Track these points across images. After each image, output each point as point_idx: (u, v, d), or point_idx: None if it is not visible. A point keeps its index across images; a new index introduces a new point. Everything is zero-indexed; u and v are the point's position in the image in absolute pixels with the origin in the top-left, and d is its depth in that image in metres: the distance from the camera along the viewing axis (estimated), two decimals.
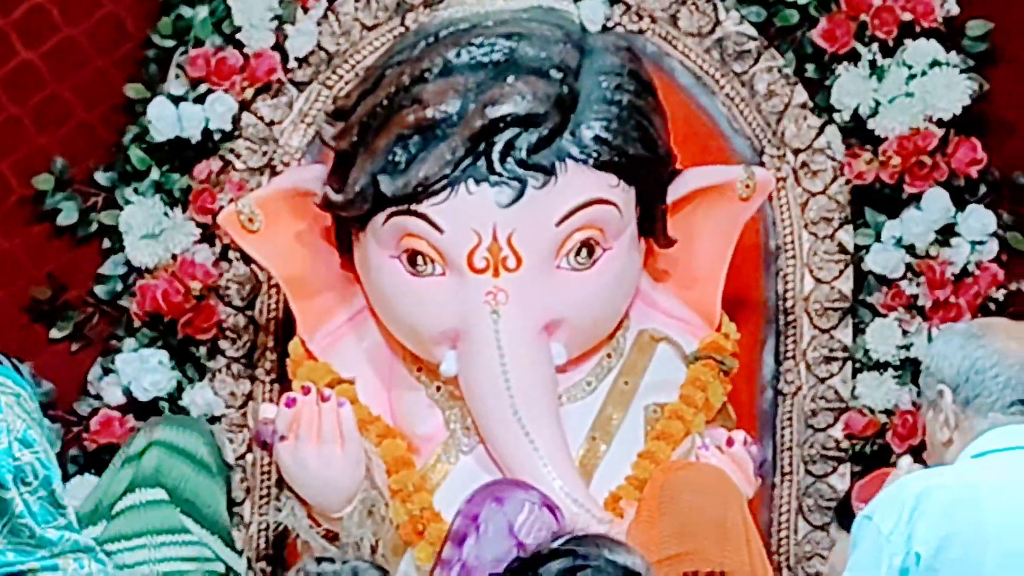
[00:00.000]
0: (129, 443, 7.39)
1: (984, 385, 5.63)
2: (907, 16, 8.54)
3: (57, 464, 5.85)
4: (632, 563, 4.65)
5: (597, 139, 7.56)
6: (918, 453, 7.48)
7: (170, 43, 8.65)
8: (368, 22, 8.64)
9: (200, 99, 8.51)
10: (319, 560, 5.91)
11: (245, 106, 8.57)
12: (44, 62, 8.72)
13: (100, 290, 8.63)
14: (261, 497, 8.28)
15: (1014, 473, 5.53)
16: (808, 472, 8.65)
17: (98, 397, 8.47)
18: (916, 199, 8.55)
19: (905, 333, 8.52)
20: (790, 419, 8.69)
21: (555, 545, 4.76)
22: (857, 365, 8.64)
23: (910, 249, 8.57)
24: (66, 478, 7.49)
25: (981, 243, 8.59)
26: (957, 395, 5.67)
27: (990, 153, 8.53)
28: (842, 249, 8.65)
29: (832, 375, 8.69)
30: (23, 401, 5.75)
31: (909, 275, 8.60)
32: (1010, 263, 8.60)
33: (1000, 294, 8.43)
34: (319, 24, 8.63)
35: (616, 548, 4.76)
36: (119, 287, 8.61)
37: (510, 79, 7.63)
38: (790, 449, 8.68)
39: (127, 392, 8.39)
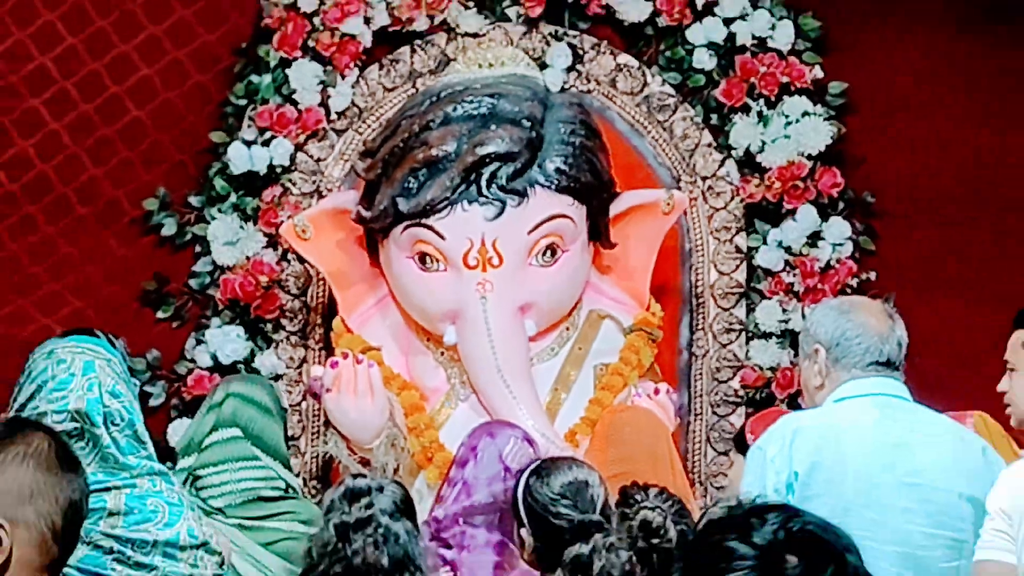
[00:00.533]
0: (212, 395, 7.13)
1: (850, 349, 5.96)
2: (785, 79, 8.84)
3: (140, 411, 5.99)
4: (588, 476, 5.68)
5: (558, 170, 7.95)
6: (795, 399, 8.44)
7: (243, 102, 8.86)
8: (388, 85, 8.86)
9: (266, 143, 8.73)
10: (355, 477, 5.94)
11: (299, 148, 8.78)
12: (149, 117, 8.83)
13: (193, 283, 8.85)
14: (312, 434, 8.61)
15: (865, 415, 5.92)
16: (714, 413, 8.87)
17: (192, 361, 8.72)
18: (792, 213, 8.83)
19: (784, 311, 8.81)
20: (700, 375, 8.96)
21: (531, 467, 5.87)
22: (749, 334, 8.89)
23: (788, 250, 8.86)
24: (169, 421, 8.52)
25: (840, 245, 8.85)
26: (829, 354, 6.01)
27: (847, 179, 8.82)
28: (738, 250, 8.90)
29: (731, 342, 8.93)
30: (113, 364, 5.94)
31: (787, 268, 8.86)
32: (861, 259, 8.85)
33: (854, 282, 8.65)
34: (353, 87, 8.83)
35: (577, 465, 5.84)
36: (207, 281, 8.83)
37: (493, 127, 8.00)
38: (700, 396, 8.93)
39: (213, 357, 8.69)
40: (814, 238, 8.84)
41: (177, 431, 8.19)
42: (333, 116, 8.84)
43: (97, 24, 8.94)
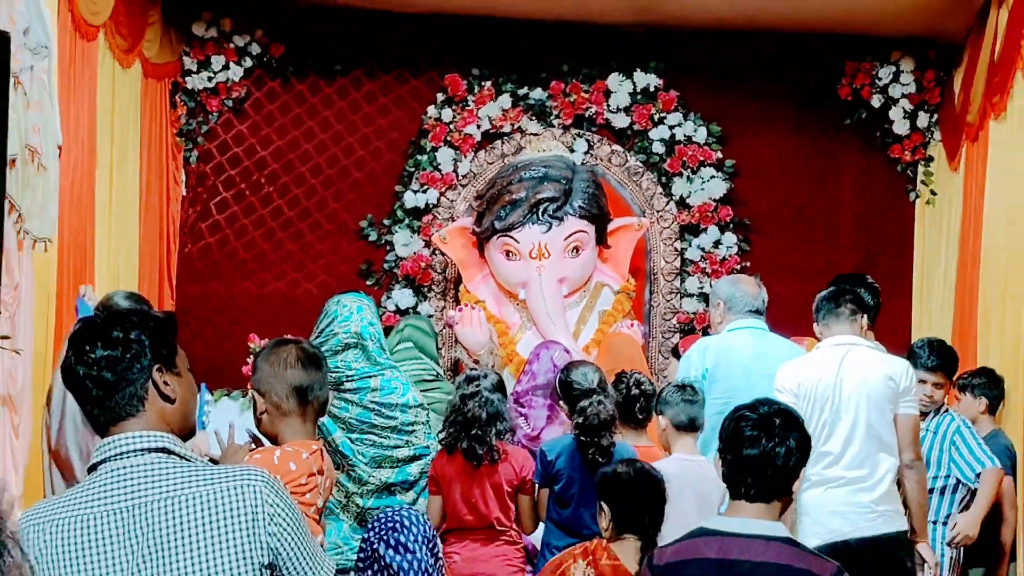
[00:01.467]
0: (397, 326, 7.68)
1: (736, 303, 6.57)
2: (701, 158, 9.12)
3: (383, 335, 6.25)
4: (592, 369, 6.16)
5: (580, 207, 8.55)
6: (706, 331, 8.71)
7: (412, 169, 9.28)
8: (489, 161, 9.28)
9: (424, 191, 9.25)
10: (471, 370, 6.79)
11: (441, 194, 9.30)
12: (364, 178, 9.38)
13: (385, 266, 9.28)
14: (448, 347, 8.98)
15: (745, 338, 6.42)
16: (663, 337, 9.30)
17: (385, 308, 9.15)
18: (705, 230, 9.26)
19: (700, 283, 9.25)
20: (655, 316, 9.37)
21: (565, 365, 6.36)
22: (682, 295, 9.28)
23: (702, 250, 9.28)
24: None
25: (731, 247, 9.24)
26: (725, 305, 6.63)
27: (734, 212, 9.17)
28: (676, 250, 9.32)
29: (672, 299, 9.30)
30: (370, 308, 6.25)
31: (702, 260, 9.24)
32: (742, 255, 9.22)
33: (739, 267, 8.98)
34: (471, 162, 9.26)
35: (588, 364, 6.39)
36: (393, 265, 9.25)
37: (545, 183, 8.54)
38: (655, 328, 9.34)
39: (396, 306, 9.22)
40: (716, 244, 9.30)
41: None
42: (460, 177, 9.32)
43: (335, 128, 9.36)
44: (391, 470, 5.89)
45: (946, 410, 6.60)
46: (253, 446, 4.13)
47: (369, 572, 4.28)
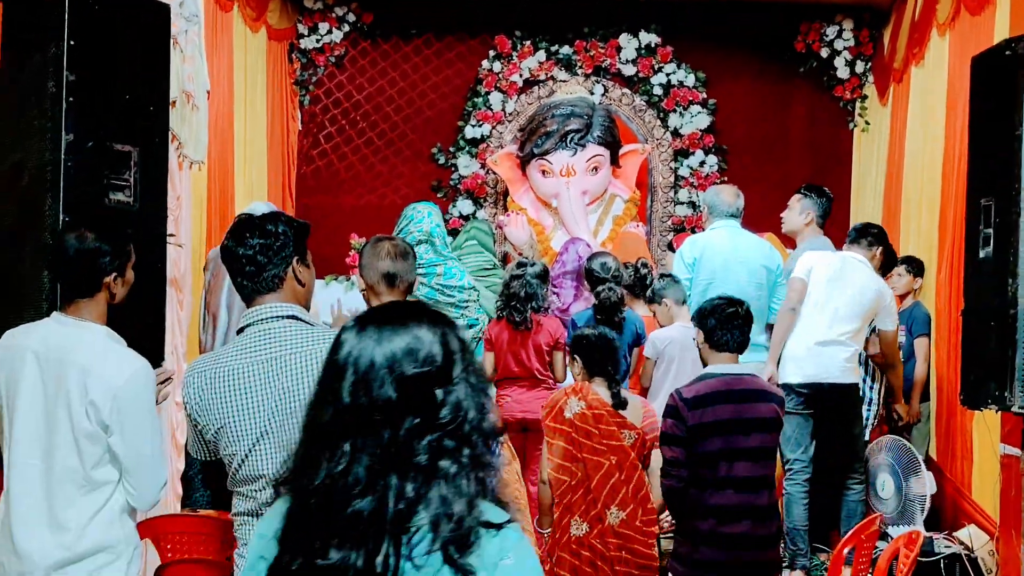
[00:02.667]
0: (465, 227, 7.88)
1: (718, 208, 6.34)
2: (690, 98, 9.03)
3: (448, 235, 6.52)
4: (609, 258, 6.28)
5: (598, 137, 8.52)
6: (695, 229, 8.52)
7: (470, 108, 9.10)
8: (529, 102, 8.98)
9: (479, 126, 9.05)
10: (519, 259, 6.65)
11: (492, 128, 9.05)
12: (435, 115, 9.20)
13: (451, 183, 9.15)
14: (499, 243, 8.26)
15: (724, 234, 6.26)
16: (660, 236, 9.01)
17: (451, 215, 8.98)
18: (693, 154, 9.04)
19: (690, 194, 9.01)
20: (654, 219, 9.05)
21: (588, 255, 6.43)
22: (676, 202, 9.01)
23: (691, 168, 9.05)
24: None
25: (713, 166, 9.05)
26: (709, 210, 6.43)
27: (715, 139, 9.06)
28: (671, 169, 8.99)
29: (669, 205, 8.99)
30: (438, 212, 6.52)
31: (691, 176, 9.04)
32: (721, 172, 9.02)
33: (719, 181, 8.56)
34: (515, 103, 9.05)
35: (605, 254, 6.46)
36: (458, 182, 9.11)
37: (573, 118, 8.51)
38: (654, 228, 9.04)
39: (460, 213, 9.01)
40: (702, 164, 9.07)
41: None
42: (507, 115, 9.09)
43: (412, 77, 9.22)
44: None
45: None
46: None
47: None
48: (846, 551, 4.34)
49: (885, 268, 6.49)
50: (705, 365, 4.40)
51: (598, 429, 4.55)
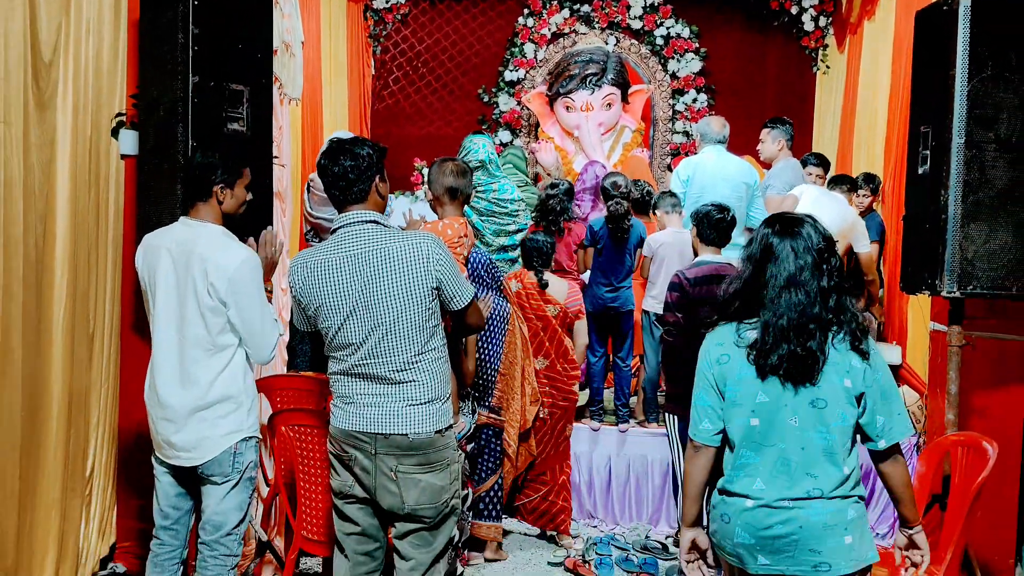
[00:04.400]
0: (504, 152, 7.06)
1: (709, 135, 6.26)
2: (685, 47, 8.85)
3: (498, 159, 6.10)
4: (621, 177, 6.13)
5: (611, 79, 8.32)
6: (688, 153, 8.47)
7: (509, 57, 8.93)
8: (556, 51, 8.81)
9: (516, 71, 8.88)
10: (551, 180, 6.71)
11: (526, 72, 8.88)
12: (482, 63, 9.03)
13: (493, 117, 9.02)
14: (531, 165, 7.79)
15: (711, 155, 6.18)
16: (661, 158, 8.82)
17: (493, 143, 7.81)
18: (687, 93, 8.87)
19: (685, 125, 8.82)
20: (656, 144, 8.85)
21: (603, 175, 6.29)
22: (674, 132, 8.86)
23: (685, 104, 8.87)
24: None
25: (703, 103, 8.88)
26: (701, 137, 6.35)
27: (706, 80, 8.90)
28: (670, 106, 8.83)
29: (668, 133, 8.80)
30: (491, 142, 5.94)
31: (684, 111, 8.85)
32: (710, 107, 8.82)
33: (710, 114, 8.07)
34: (545, 51, 8.87)
35: (617, 173, 6.31)
36: (498, 117, 8.98)
37: (591, 63, 8.32)
38: (656, 152, 8.85)
39: (500, 141, 8.84)
40: (694, 101, 8.85)
41: None
42: (538, 62, 8.90)
43: (462, 31, 9.05)
44: (504, 236, 5.90)
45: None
46: (425, 222, 4.13)
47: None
48: None
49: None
50: (696, 256, 4.60)
51: (529, 304, 5.08)
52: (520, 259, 5.40)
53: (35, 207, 3.62)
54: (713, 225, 4.49)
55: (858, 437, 2.64)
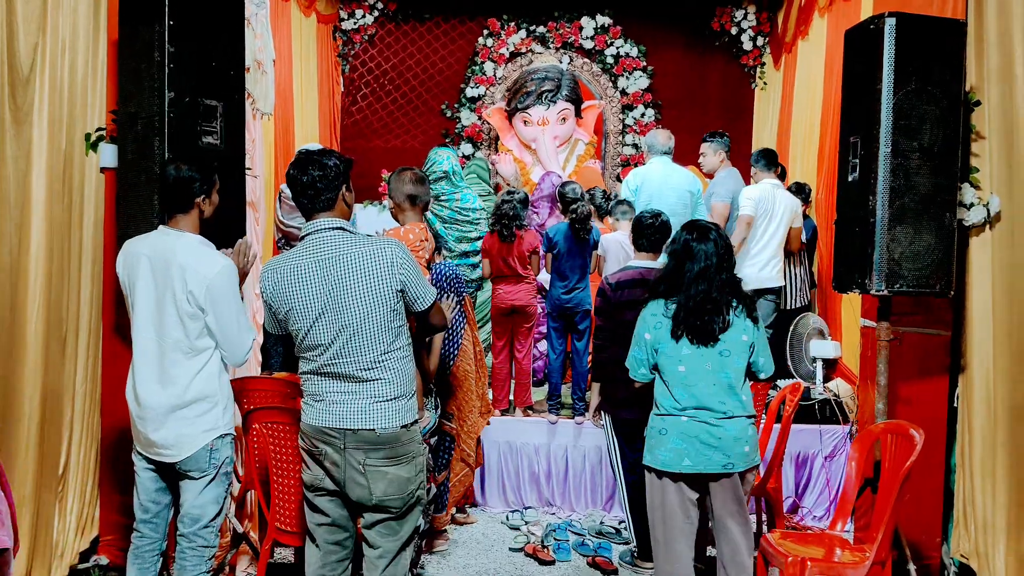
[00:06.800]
0: (468, 164, 7.31)
1: (655, 147, 6.28)
2: (634, 66, 8.80)
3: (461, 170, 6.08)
4: (577, 185, 6.19)
5: (566, 95, 8.27)
6: (637, 164, 8.26)
7: (470, 75, 8.88)
8: (514, 69, 8.75)
9: (476, 88, 8.85)
10: (508, 188, 6.63)
11: (486, 89, 8.83)
12: (445, 82, 8.97)
13: (456, 131, 8.94)
14: (492, 175, 7.56)
15: (657, 166, 6.20)
16: (613, 168, 8.79)
17: (456, 155, 8.33)
18: (635, 108, 8.83)
19: (634, 139, 8.80)
20: (607, 157, 8.80)
21: (559, 184, 6.30)
22: (624, 144, 8.83)
23: (634, 119, 8.85)
24: None
25: (651, 117, 8.85)
26: (648, 149, 6.36)
27: (653, 96, 8.85)
28: (619, 120, 8.80)
29: (619, 147, 8.79)
30: (455, 155, 6.05)
31: (633, 126, 8.85)
32: (657, 121, 8.78)
33: (656, 128, 7.70)
34: (503, 70, 8.82)
35: (573, 183, 6.33)
36: (461, 131, 8.91)
37: (547, 81, 8.30)
38: (607, 163, 8.79)
39: (463, 154, 8.77)
40: (643, 115, 8.82)
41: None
42: (497, 79, 8.86)
43: (426, 51, 8.97)
44: (467, 243, 5.88)
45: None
46: (386, 230, 4.09)
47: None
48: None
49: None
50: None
51: None
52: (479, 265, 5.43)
53: (11, 217, 3.60)
54: (643, 232, 4.43)
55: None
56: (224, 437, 3.27)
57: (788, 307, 6.38)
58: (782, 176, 6.70)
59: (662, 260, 4.27)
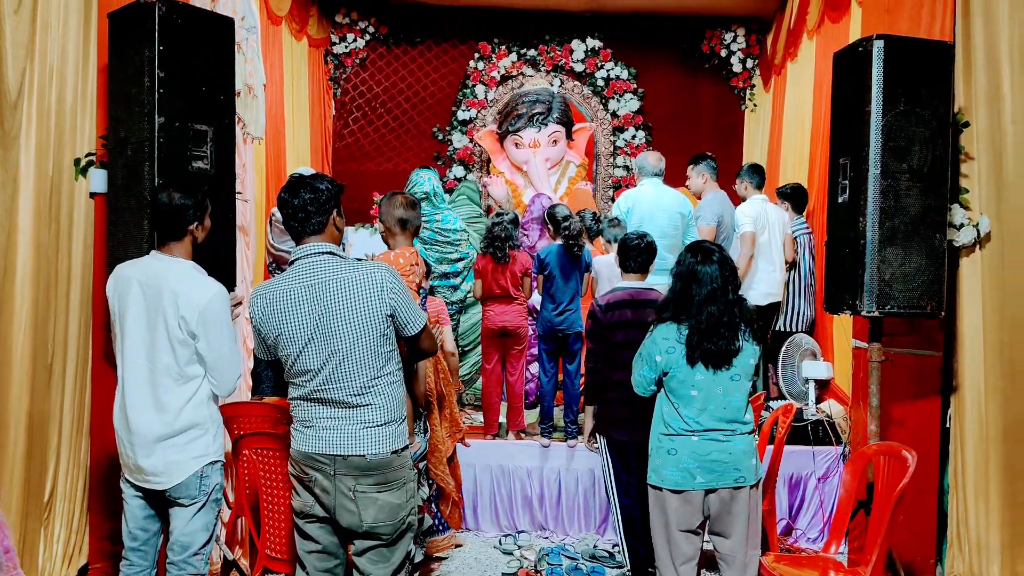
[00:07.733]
0: (459, 186, 7.61)
1: (645, 168, 6.25)
2: (624, 88, 8.85)
3: (445, 192, 6.30)
4: (566, 209, 6.06)
5: (556, 117, 8.15)
6: (629, 185, 8.34)
7: (461, 98, 8.91)
8: (505, 92, 8.78)
9: (468, 112, 8.88)
10: (499, 210, 6.46)
11: (478, 112, 8.87)
12: (438, 106, 8.98)
13: (448, 153, 8.96)
14: (484, 197, 7.74)
15: (650, 189, 6.18)
16: (604, 190, 8.82)
17: (448, 177, 8.85)
18: (627, 130, 8.87)
19: (626, 160, 8.86)
20: (598, 179, 8.84)
21: (549, 206, 6.17)
22: (615, 166, 8.85)
23: (625, 141, 8.89)
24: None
25: (642, 139, 8.90)
26: (639, 171, 6.32)
27: (644, 119, 8.91)
28: (611, 142, 8.82)
29: (610, 168, 8.84)
30: (436, 177, 6.31)
31: (624, 147, 8.91)
32: (648, 142, 8.85)
33: (647, 149, 8.16)
34: (495, 92, 8.85)
35: (563, 206, 6.17)
36: (452, 154, 8.95)
37: (538, 103, 8.18)
38: (599, 185, 8.84)
39: (455, 176, 8.86)
40: (633, 137, 8.87)
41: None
42: (488, 102, 8.89)
43: (417, 74, 8.98)
44: (447, 264, 5.87)
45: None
46: (376, 255, 4.09)
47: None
48: None
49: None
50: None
51: None
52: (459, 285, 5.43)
53: None
54: (629, 254, 4.38)
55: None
56: (214, 464, 3.24)
57: (789, 328, 6.35)
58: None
59: (651, 280, 4.38)
